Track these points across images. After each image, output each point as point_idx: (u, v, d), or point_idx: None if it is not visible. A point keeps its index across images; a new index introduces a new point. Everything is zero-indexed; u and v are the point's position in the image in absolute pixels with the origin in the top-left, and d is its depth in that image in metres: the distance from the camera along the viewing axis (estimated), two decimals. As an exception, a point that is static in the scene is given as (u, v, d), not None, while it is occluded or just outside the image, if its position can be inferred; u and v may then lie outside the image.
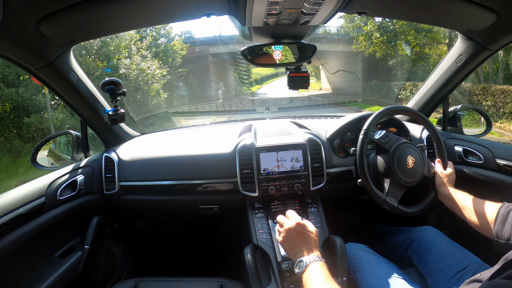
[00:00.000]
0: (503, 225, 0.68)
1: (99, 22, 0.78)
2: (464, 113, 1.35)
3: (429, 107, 1.33)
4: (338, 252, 0.89)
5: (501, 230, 0.68)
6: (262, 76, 22.35)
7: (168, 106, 8.53)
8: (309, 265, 0.66)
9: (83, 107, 1.08)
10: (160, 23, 0.92)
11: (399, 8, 0.86)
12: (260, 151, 1.08)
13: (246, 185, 1.06)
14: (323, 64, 14.25)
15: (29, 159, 1.21)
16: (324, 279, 0.62)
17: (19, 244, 0.82)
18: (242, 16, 0.74)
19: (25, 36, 0.71)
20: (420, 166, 0.98)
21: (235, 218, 1.21)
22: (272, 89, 13.39)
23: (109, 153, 1.18)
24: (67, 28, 0.76)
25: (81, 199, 1.08)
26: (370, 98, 10.56)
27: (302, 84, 1.01)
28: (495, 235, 0.70)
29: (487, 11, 0.78)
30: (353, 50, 11.95)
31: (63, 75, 0.92)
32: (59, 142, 1.32)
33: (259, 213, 1.04)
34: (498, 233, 0.69)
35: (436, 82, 1.23)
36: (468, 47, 1.03)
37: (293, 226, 0.74)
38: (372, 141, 0.99)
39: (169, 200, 1.18)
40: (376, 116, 1.00)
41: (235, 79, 11.41)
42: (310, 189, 1.08)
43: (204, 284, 0.93)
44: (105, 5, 0.68)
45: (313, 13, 0.72)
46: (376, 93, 11.11)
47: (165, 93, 8.79)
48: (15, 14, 0.62)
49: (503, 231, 0.67)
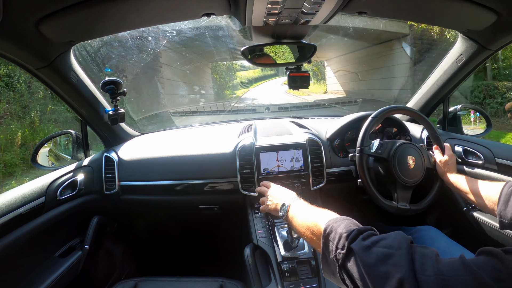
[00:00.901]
0: (506, 205, 0.68)
1: (99, 22, 0.78)
2: (464, 113, 1.35)
3: (429, 107, 1.33)
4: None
5: (504, 210, 0.68)
6: (250, 79, 20.10)
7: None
8: (290, 204, 0.73)
9: (83, 107, 1.08)
10: (160, 23, 0.91)
11: (400, 8, 0.86)
12: (260, 151, 1.08)
13: (246, 185, 1.06)
14: (329, 60, 10.11)
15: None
16: (306, 209, 0.68)
17: (19, 244, 0.82)
18: (242, 16, 0.74)
19: (25, 36, 0.71)
20: (421, 162, 0.98)
21: (235, 218, 1.21)
22: (264, 92, 11.84)
23: (109, 153, 1.18)
24: (67, 28, 0.76)
25: (81, 199, 1.08)
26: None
27: (302, 84, 1.00)
28: (498, 215, 0.70)
29: (487, 11, 0.78)
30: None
31: (63, 75, 0.92)
32: (59, 142, 1.32)
33: (259, 213, 1.04)
34: (502, 213, 0.69)
35: (436, 82, 1.23)
36: (468, 47, 1.03)
37: (273, 188, 0.88)
38: (369, 156, 0.99)
39: (169, 200, 1.18)
40: (366, 129, 0.98)
41: (214, 80, 9.31)
42: (311, 189, 1.08)
43: (204, 284, 0.93)
44: (105, 5, 0.68)
45: (313, 13, 0.72)
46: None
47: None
48: (15, 14, 0.62)
49: (506, 211, 0.67)
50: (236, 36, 4.60)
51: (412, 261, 0.39)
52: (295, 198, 0.76)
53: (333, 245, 0.49)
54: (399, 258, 0.40)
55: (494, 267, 0.35)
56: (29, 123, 4.78)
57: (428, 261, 0.39)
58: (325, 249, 0.51)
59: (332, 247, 0.49)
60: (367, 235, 0.47)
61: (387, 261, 0.41)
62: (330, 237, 0.51)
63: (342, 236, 0.48)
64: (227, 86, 9.76)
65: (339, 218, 0.54)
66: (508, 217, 0.66)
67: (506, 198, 0.68)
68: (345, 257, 0.46)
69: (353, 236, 0.47)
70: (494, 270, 0.35)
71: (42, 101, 5.07)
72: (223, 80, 9.74)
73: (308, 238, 0.62)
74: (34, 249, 0.92)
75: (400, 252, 0.41)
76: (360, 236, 0.47)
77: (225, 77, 9.91)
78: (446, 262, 0.38)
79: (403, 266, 0.39)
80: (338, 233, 0.49)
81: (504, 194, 0.69)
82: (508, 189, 0.69)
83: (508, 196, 0.68)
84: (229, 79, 10.02)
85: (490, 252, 0.38)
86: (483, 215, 1.06)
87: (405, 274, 0.38)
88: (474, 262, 0.37)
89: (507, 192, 0.69)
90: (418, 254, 0.40)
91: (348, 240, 0.47)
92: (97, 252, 1.21)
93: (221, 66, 9.69)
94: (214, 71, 9.32)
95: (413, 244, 0.43)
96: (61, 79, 0.93)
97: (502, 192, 0.70)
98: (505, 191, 0.70)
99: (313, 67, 11.76)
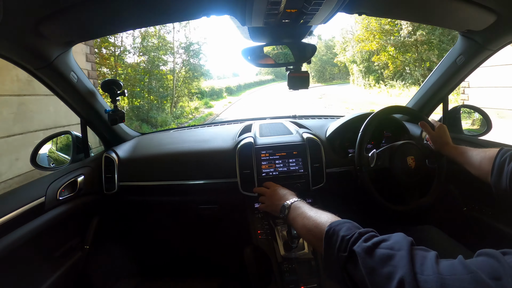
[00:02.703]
0: (499, 176, 0.69)
1: (99, 22, 0.78)
2: (464, 113, 1.35)
3: (429, 107, 1.33)
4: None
5: (498, 182, 0.69)
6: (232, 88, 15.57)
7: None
8: (291, 205, 0.74)
9: (83, 107, 1.08)
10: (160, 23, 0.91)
11: (399, 8, 0.86)
12: (260, 151, 1.08)
13: (246, 185, 1.06)
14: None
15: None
16: (307, 210, 0.68)
17: (19, 244, 0.82)
18: (242, 16, 0.74)
19: (25, 36, 0.71)
20: (420, 157, 0.98)
21: (235, 218, 1.21)
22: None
23: (109, 153, 1.18)
24: (67, 28, 0.76)
25: (81, 199, 1.08)
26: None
27: (302, 84, 1.00)
28: (493, 185, 0.71)
29: (487, 11, 0.78)
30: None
31: (63, 75, 0.92)
32: (59, 142, 1.32)
33: (259, 213, 1.04)
34: (496, 185, 0.70)
35: (436, 82, 1.23)
36: (468, 47, 1.03)
37: (273, 189, 0.89)
38: (370, 171, 0.98)
39: (169, 200, 1.18)
40: (360, 145, 0.99)
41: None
42: (310, 189, 1.08)
43: (204, 284, 0.93)
44: (105, 5, 0.68)
45: (313, 13, 0.72)
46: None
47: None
48: (15, 14, 0.62)
49: (500, 182, 0.68)
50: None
51: (412, 261, 0.40)
52: (296, 199, 0.76)
53: (334, 247, 0.50)
54: (400, 259, 0.40)
55: (492, 267, 0.35)
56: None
57: (428, 262, 0.39)
58: (327, 251, 0.52)
59: (334, 249, 0.50)
60: (368, 237, 0.47)
61: (388, 262, 0.41)
62: (331, 240, 0.51)
63: (344, 239, 0.49)
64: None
65: (341, 221, 0.55)
66: (502, 188, 0.68)
67: (499, 169, 0.69)
68: (346, 259, 0.47)
69: (354, 239, 0.48)
70: (492, 269, 0.35)
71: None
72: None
73: (309, 240, 0.62)
74: (34, 249, 0.92)
75: (401, 253, 0.41)
76: (362, 238, 0.47)
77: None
78: (445, 262, 0.38)
79: (403, 267, 0.39)
80: (340, 236, 0.50)
81: (497, 165, 0.71)
82: (501, 160, 0.70)
83: (501, 167, 0.69)
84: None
85: (488, 253, 0.38)
86: (483, 215, 1.06)
87: (405, 274, 0.38)
88: (472, 262, 0.37)
89: (500, 163, 0.70)
90: (418, 255, 0.41)
91: (350, 243, 0.47)
92: (97, 252, 1.21)
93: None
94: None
95: (413, 246, 0.44)
96: (61, 79, 0.93)
97: (495, 162, 0.71)
98: (498, 161, 0.71)
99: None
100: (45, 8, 0.64)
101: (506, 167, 0.68)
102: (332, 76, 22.83)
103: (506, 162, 0.69)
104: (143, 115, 7.53)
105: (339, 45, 15.89)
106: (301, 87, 1.01)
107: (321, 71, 22.62)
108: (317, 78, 22.35)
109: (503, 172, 0.68)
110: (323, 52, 21.93)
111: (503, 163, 0.69)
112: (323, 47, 21.94)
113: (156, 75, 8.27)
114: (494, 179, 0.70)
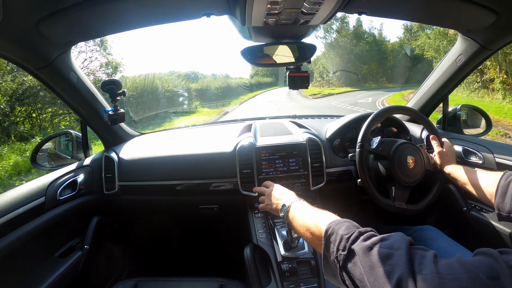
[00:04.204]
0: (503, 198, 0.68)
1: (99, 22, 0.78)
2: (464, 113, 1.35)
3: (429, 106, 1.33)
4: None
5: (501, 203, 0.68)
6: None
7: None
8: (291, 205, 0.74)
9: (83, 107, 1.08)
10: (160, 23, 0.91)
11: (399, 8, 0.86)
12: (260, 151, 1.08)
13: (246, 185, 1.06)
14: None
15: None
16: (307, 210, 0.68)
17: (19, 244, 0.82)
18: (242, 16, 0.74)
19: (25, 36, 0.71)
20: (421, 162, 0.98)
21: (235, 218, 1.21)
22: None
23: (109, 153, 1.18)
24: (67, 28, 0.76)
25: (81, 199, 1.08)
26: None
27: (302, 84, 1.01)
28: (496, 208, 0.70)
29: (487, 11, 0.78)
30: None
31: (63, 75, 0.92)
32: (59, 142, 1.32)
33: (259, 213, 1.04)
34: (499, 206, 0.69)
35: (436, 82, 1.23)
36: (468, 47, 1.03)
37: (273, 188, 0.88)
38: (369, 152, 0.99)
39: (169, 200, 1.18)
40: (368, 125, 0.99)
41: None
42: (310, 189, 1.08)
43: (204, 284, 0.93)
44: (105, 5, 0.68)
45: (313, 13, 0.72)
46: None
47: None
48: (15, 14, 0.62)
49: (504, 204, 0.67)
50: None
51: (411, 261, 0.40)
52: (296, 199, 0.76)
53: (334, 246, 0.50)
54: (398, 258, 0.41)
55: (490, 266, 0.36)
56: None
57: (426, 261, 0.39)
58: (326, 250, 0.52)
59: (333, 248, 0.50)
60: (367, 236, 0.47)
61: (387, 261, 0.41)
62: (331, 239, 0.51)
63: (343, 238, 0.49)
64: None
65: (340, 220, 0.55)
66: (506, 210, 0.67)
67: (503, 191, 0.69)
68: (346, 258, 0.47)
69: (354, 238, 0.48)
70: (490, 268, 0.35)
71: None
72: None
73: (308, 239, 0.62)
74: (34, 249, 0.92)
75: (399, 252, 0.41)
76: (361, 237, 0.47)
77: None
78: (444, 262, 0.39)
79: (402, 266, 0.39)
80: (339, 235, 0.50)
81: (501, 187, 0.70)
82: (505, 182, 0.69)
83: (505, 188, 0.68)
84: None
85: (486, 252, 0.39)
86: (483, 215, 1.06)
87: (404, 273, 0.38)
88: (470, 261, 0.38)
89: (504, 185, 0.69)
90: (416, 254, 0.41)
91: (349, 242, 0.47)
92: (97, 252, 1.21)
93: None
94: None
95: (412, 245, 0.44)
96: (61, 79, 0.93)
97: (499, 185, 0.70)
98: (502, 183, 0.70)
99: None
100: (45, 8, 0.64)
101: (510, 190, 0.67)
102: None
103: (510, 184, 0.68)
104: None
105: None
106: (301, 87, 1.01)
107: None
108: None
109: (507, 193, 0.67)
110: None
111: (507, 185, 0.68)
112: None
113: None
114: (498, 200, 0.69)
